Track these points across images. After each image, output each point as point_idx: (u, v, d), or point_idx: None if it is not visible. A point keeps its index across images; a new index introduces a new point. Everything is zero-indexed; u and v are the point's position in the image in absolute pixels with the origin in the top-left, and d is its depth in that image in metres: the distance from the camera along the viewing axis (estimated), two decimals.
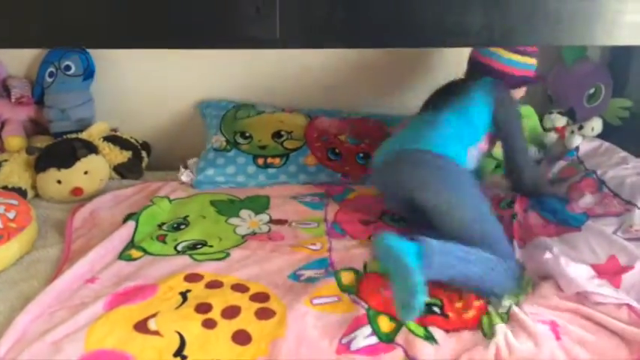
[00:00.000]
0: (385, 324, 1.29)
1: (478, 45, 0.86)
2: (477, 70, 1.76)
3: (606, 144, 1.89)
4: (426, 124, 1.68)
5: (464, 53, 1.80)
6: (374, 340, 1.24)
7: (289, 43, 0.91)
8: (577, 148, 1.91)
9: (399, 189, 1.60)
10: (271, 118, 2.09)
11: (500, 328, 1.26)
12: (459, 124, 1.65)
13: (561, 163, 1.88)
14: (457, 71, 1.81)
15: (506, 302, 1.36)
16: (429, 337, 1.26)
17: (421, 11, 0.90)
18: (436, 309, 1.35)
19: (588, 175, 1.75)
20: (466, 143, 1.64)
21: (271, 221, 1.74)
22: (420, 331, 1.27)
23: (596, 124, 2.01)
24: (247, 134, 2.04)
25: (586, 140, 1.94)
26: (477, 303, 1.36)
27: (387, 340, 1.25)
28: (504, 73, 1.71)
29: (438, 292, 1.40)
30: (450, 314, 1.34)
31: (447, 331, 1.29)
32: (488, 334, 1.27)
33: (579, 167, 1.83)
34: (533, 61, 1.74)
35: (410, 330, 1.27)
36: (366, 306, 1.34)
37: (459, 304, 1.37)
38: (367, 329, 1.27)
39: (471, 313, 1.34)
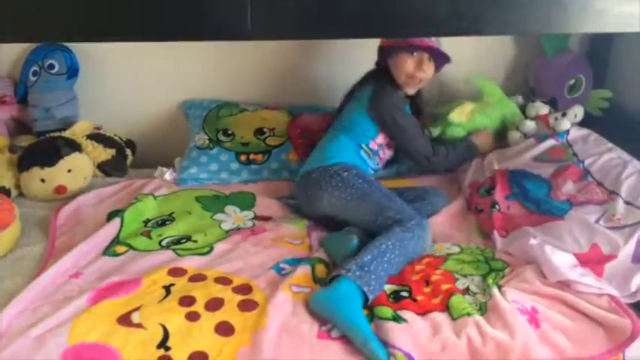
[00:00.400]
0: None
1: (447, 34, 0.87)
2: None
3: (595, 134, 1.91)
4: (322, 140, 1.84)
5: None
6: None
7: (260, 34, 0.92)
8: (567, 132, 1.93)
9: (306, 208, 1.76)
10: (254, 115, 2.10)
11: (472, 319, 1.27)
12: (345, 128, 1.79)
13: (551, 142, 1.90)
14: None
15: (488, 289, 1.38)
16: (397, 318, 1.28)
17: (389, 0, 0.91)
18: (405, 293, 1.38)
19: (575, 162, 1.77)
20: (357, 143, 1.77)
21: (256, 217, 1.75)
22: (389, 313, 1.29)
23: (578, 111, 2.03)
24: (230, 132, 2.05)
25: (576, 127, 1.96)
26: (445, 287, 1.39)
27: None
28: (380, 48, 1.80)
29: (406, 279, 1.43)
30: (419, 298, 1.36)
31: (417, 313, 1.31)
32: (455, 317, 1.29)
33: (568, 150, 1.85)
34: None
35: (378, 317, 1.29)
36: None
37: (427, 289, 1.40)
38: None
39: (439, 298, 1.36)
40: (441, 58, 1.76)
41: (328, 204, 1.67)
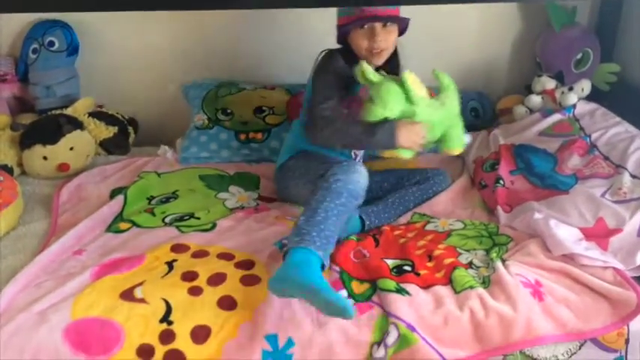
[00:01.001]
0: (357, 287, 1.30)
1: (454, 0, 0.83)
2: None
3: (602, 109, 1.89)
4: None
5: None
6: (351, 302, 1.25)
7: (261, 3, 0.89)
8: (574, 106, 1.90)
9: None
10: (253, 94, 2.07)
11: (475, 292, 1.26)
12: (302, 113, 1.71)
13: (557, 116, 1.87)
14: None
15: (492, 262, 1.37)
16: (401, 290, 1.28)
17: None
18: (407, 268, 1.37)
19: (582, 137, 1.75)
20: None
21: (260, 198, 1.74)
22: (392, 285, 1.29)
23: (585, 85, 2.01)
24: (229, 111, 2.02)
25: (583, 102, 1.94)
26: (448, 261, 1.38)
27: (363, 299, 1.27)
28: (337, 28, 1.64)
29: (409, 254, 1.42)
30: (422, 272, 1.35)
31: (420, 287, 1.30)
32: (458, 291, 1.28)
33: (574, 124, 1.83)
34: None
35: (381, 289, 1.29)
36: (338, 269, 1.35)
37: (430, 264, 1.39)
38: (344, 292, 1.29)
39: (442, 272, 1.35)
40: (401, 22, 1.61)
41: (297, 197, 1.62)
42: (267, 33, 2.13)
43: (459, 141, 1.57)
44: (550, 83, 2.02)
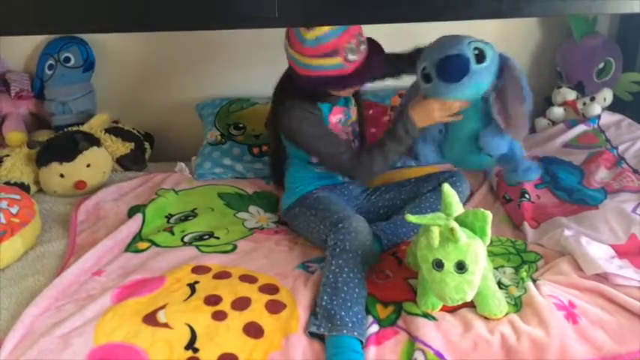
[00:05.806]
0: (382, 311, 1.27)
1: (486, 16, 0.82)
2: None
3: (628, 120, 1.86)
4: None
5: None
6: (375, 327, 1.23)
7: (288, 20, 0.87)
8: (598, 117, 1.86)
9: None
10: (264, 108, 2.04)
11: (507, 317, 1.23)
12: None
13: (581, 127, 1.84)
14: None
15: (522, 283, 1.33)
16: (427, 315, 1.24)
17: None
18: None
19: (609, 149, 1.72)
20: (305, 162, 1.62)
21: (280, 221, 1.71)
22: (418, 309, 1.26)
23: (607, 95, 1.97)
24: (241, 125, 2.01)
25: (608, 113, 1.90)
26: None
27: (389, 324, 1.24)
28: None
29: None
30: None
31: (447, 311, 1.26)
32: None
33: (600, 136, 1.79)
34: None
35: (407, 312, 1.26)
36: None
37: None
38: (369, 318, 1.25)
39: None
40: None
41: (312, 240, 1.55)
42: (279, 48, 2.11)
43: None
44: (570, 94, 1.99)
